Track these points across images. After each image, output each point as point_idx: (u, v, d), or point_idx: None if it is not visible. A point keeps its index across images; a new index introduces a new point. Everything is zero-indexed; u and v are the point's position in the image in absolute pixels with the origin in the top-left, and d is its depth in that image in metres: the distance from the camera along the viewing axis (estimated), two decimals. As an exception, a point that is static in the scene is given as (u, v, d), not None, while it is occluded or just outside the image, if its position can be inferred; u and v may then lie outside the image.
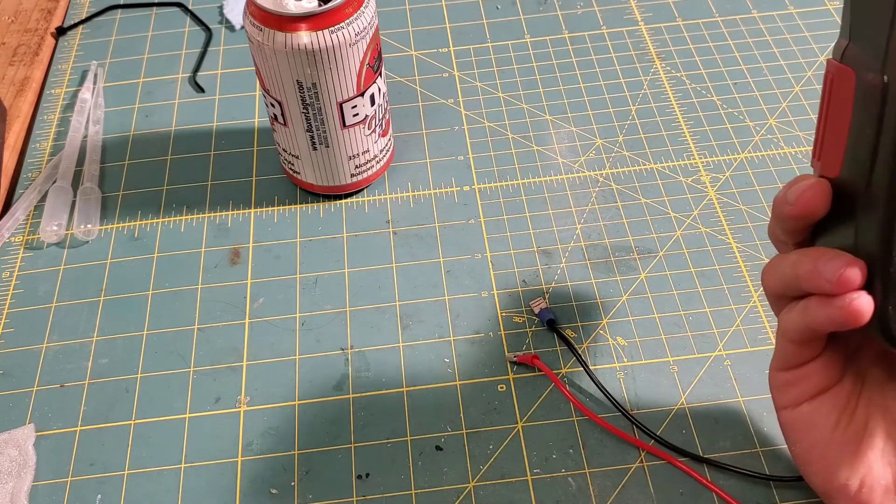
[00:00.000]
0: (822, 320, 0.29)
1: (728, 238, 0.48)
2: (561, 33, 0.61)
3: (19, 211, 0.51)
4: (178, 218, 0.51)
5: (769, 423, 0.40)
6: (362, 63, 0.45)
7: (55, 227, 0.50)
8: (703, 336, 0.44)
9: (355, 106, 0.46)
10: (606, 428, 0.40)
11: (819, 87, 0.50)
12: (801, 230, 0.31)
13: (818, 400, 0.33)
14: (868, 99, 0.27)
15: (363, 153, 0.49)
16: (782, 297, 0.32)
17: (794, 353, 0.32)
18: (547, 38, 0.61)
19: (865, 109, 0.28)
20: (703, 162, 0.52)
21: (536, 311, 0.45)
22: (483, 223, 0.50)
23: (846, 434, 0.32)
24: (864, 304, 0.28)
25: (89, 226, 0.50)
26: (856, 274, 0.28)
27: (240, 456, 0.41)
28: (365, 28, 0.44)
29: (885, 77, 0.27)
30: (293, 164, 0.50)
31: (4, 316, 0.47)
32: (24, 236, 0.51)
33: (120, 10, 0.65)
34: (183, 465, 0.41)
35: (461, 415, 0.42)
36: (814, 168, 0.31)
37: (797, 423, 0.33)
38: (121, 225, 0.51)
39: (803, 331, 0.31)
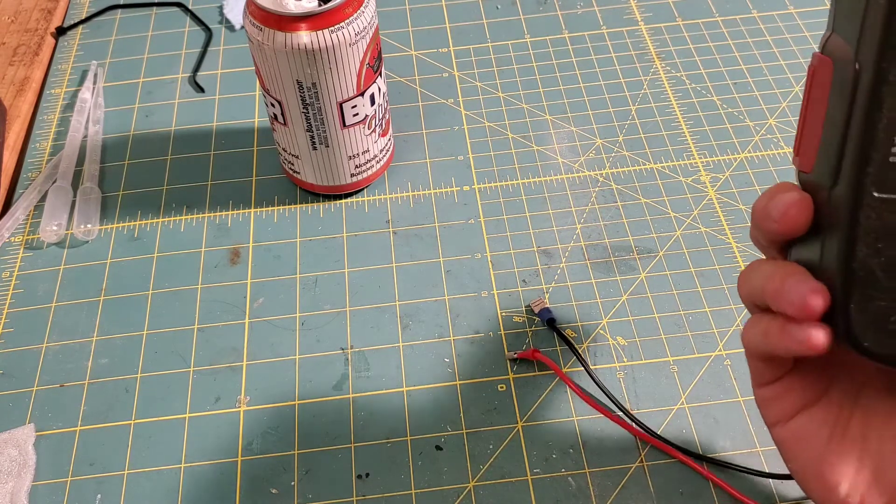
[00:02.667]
0: (780, 350, 0.29)
1: (728, 238, 0.48)
2: (561, 33, 0.61)
3: (19, 211, 0.51)
4: (178, 218, 0.51)
5: (769, 423, 0.40)
6: (362, 63, 0.45)
7: (55, 227, 0.50)
8: (703, 336, 0.44)
9: (355, 106, 0.46)
10: (607, 427, 0.40)
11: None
12: (783, 240, 0.31)
13: (807, 414, 0.32)
14: (842, 88, 0.27)
15: (363, 153, 0.49)
16: (753, 305, 0.32)
17: (762, 370, 0.32)
18: (547, 38, 0.61)
19: (838, 99, 0.27)
20: (703, 162, 0.52)
21: (536, 310, 0.45)
22: (483, 223, 0.50)
23: (842, 448, 0.32)
24: (821, 338, 0.28)
25: (89, 226, 0.50)
26: (818, 302, 0.27)
27: (240, 456, 0.41)
28: (365, 28, 0.44)
29: (857, 65, 0.26)
30: (293, 164, 0.50)
31: (4, 316, 0.47)
32: (24, 236, 0.51)
33: (120, 10, 0.65)
34: (183, 465, 0.41)
35: (461, 415, 0.42)
36: (794, 164, 0.31)
37: (790, 439, 0.33)
38: (121, 225, 0.51)
39: (763, 352, 0.31)
